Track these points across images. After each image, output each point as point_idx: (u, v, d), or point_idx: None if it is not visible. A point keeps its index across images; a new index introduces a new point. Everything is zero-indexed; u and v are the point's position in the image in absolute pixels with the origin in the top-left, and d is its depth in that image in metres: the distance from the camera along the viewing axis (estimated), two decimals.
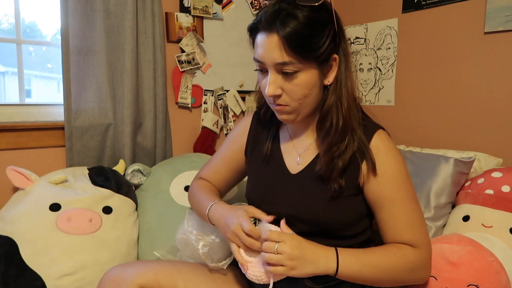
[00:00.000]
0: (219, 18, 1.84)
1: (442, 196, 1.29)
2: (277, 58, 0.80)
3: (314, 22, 0.79)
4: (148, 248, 1.32)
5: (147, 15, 1.59)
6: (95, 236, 1.23)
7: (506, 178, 1.21)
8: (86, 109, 1.51)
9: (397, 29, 1.78)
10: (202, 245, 0.99)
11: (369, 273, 0.84)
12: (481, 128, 1.51)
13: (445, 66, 1.61)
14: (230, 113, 1.91)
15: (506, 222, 1.13)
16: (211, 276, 1.00)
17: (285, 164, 0.97)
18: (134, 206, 1.40)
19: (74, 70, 1.47)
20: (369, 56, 1.91)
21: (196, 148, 1.79)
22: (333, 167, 0.86)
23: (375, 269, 0.84)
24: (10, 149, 1.43)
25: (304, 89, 0.83)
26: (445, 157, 1.32)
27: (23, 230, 1.18)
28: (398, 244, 0.88)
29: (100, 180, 1.37)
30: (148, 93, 1.62)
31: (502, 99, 1.44)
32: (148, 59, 1.61)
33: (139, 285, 0.90)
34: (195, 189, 1.09)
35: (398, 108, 1.81)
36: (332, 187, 0.87)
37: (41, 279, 1.12)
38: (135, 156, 1.62)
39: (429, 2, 1.65)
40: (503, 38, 1.42)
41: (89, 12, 1.48)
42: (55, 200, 1.25)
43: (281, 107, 0.86)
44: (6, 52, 1.56)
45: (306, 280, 0.91)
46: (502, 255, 1.05)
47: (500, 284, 0.96)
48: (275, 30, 0.79)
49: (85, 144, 1.51)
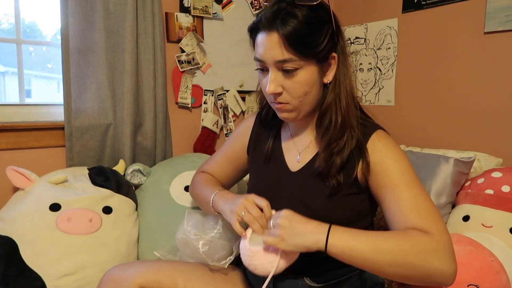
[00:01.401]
0: (219, 18, 1.84)
1: (442, 196, 1.29)
2: (277, 56, 0.82)
3: (313, 20, 0.81)
4: (148, 248, 1.32)
5: (147, 15, 1.59)
6: (95, 236, 1.23)
7: (506, 178, 1.21)
8: (86, 109, 1.51)
9: (397, 29, 1.78)
10: (202, 244, 0.99)
11: (366, 251, 0.74)
12: (481, 128, 1.51)
13: (445, 66, 1.61)
14: (230, 113, 1.91)
15: (506, 222, 1.13)
16: (211, 275, 1.00)
17: (285, 162, 0.98)
18: (134, 206, 1.40)
19: (74, 70, 1.47)
20: (369, 56, 1.91)
21: (196, 148, 1.79)
22: (331, 163, 0.87)
23: (373, 247, 0.74)
24: (10, 149, 1.43)
25: (304, 86, 0.84)
26: (445, 157, 1.33)
27: (23, 230, 1.18)
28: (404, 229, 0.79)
29: (100, 180, 1.37)
30: (148, 93, 1.62)
31: (502, 99, 1.44)
32: (148, 59, 1.61)
33: (139, 285, 0.90)
34: (199, 180, 1.11)
35: (398, 108, 1.81)
36: (331, 183, 0.88)
37: (41, 279, 1.12)
38: (135, 156, 1.62)
39: (429, 2, 1.65)
40: (503, 38, 1.42)
41: (89, 12, 1.48)
42: (55, 200, 1.25)
43: (282, 105, 0.87)
44: (6, 52, 1.56)
45: (306, 278, 0.92)
46: (502, 255, 1.05)
47: (500, 284, 0.96)
48: (275, 29, 0.81)
49: (85, 144, 1.51)
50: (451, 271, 0.73)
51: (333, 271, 0.92)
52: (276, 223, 0.81)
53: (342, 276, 0.93)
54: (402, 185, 0.82)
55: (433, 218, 0.78)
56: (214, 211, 0.99)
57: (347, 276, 0.93)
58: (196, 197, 1.12)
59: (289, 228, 0.79)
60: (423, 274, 0.73)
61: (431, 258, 0.73)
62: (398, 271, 0.74)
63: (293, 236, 0.78)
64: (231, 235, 1.05)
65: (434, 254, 0.73)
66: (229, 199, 0.94)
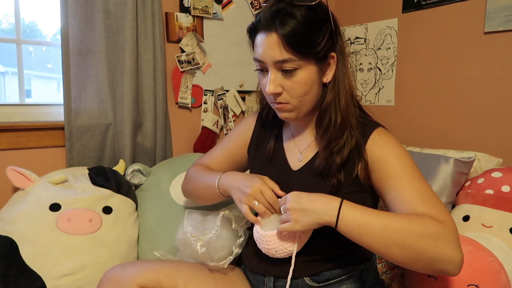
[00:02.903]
0: (219, 18, 1.84)
1: (442, 196, 1.29)
2: (276, 56, 0.82)
3: (312, 20, 0.81)
4: (148, 248, 1.33)
5: (147, 15, 1.59)
6: (95, 236, 1.23)
7: (506, 178, 1.21)
8: (86, 109, 1.51)
9: (397, 29, 1.78)
10: (200, 246, 0.99)
11: (375, 229, 0.73)
12: (481, 128, 1.51)
13: (445, 66, 1.61)
14: (230, 113, 1.91)
15: (506, 222, 1.13)
16: (211, 275, 1.00)
17: (287, 161, 0.98)
18: (134, 206, 1.40)
19: (74, 70, 1.47)
20: (369, 56, 1.91)
21: (196, 148, 1.79)
22: (331, 162, 0.88)
23: (384, 227, 0.73)
24: (10, 149, 1.43)
25: (304, 86, 0.84)
26: (445, 157, 1.33)
27: (23, 230, 1.18)
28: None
29: (100, 180, 1.37)
30: (148, 93, 1.62)
31: (502, 99, 1.44)
32: (148, 59, 1.61)
33: (139, 285, 0.90)
34: (195, 171, 1.10)
35: (398, 108, 1.81)
36: (331, 182, 0.88)
37: (41, 279, 1.12)
38: (135, 156, 1.62)
39: (429, 2, 1.65)
40: (503, 38, 1.42)
41: (89, 12, 1.48)
42: (55, 200, 1.25)
43: (282, 105, 0.87)
44: (6, 52, 1.56)
45: (306, 278, 0.92)
46: (502, 255, 1.05)
47: (500, 284, 0.96)
48: (274, 29, 0.81)
49: (85, 144, 1.51)
50: (460, 258, 0.72)
51: (333, 271, 0.93)
52: (285, 208, 0.82)
53: (342, 276, 0.93)
54: (406, 176, 0.83)
55: (440, 207, 0.78)
56: (220, 193, 0.98)
57: (347, 276, 0.93)
58: (193, 187, 1.09)
59: (299, 209, 0.80)
60: (431, 258, 0.72)
61: (441, 243, 0.72)
62: (404, 254, 0.72)
63: (304, 216, 0.79)
64: (230, 234, 1.05)
65: (444, 239, 0.72)
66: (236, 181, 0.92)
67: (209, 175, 1.03)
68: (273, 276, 0.95)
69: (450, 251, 0.72)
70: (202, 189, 1.05)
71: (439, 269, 0.73)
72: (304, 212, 0.79)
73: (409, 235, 0.72)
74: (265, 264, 0.94)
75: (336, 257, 0.92)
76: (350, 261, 0.94)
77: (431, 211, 0.76)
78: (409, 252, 0.72)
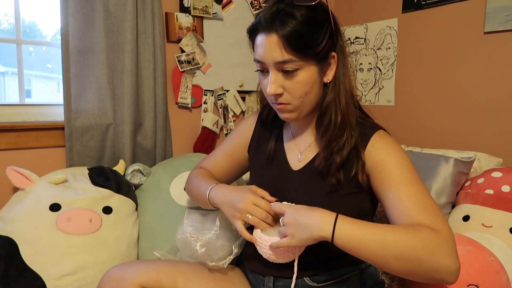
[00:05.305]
0: (219, 18, 1.84)
1: (442, 196, 1.29)
2: (277, 57, 0.82)
3: (312, 20, 0.81)
4: (148, 248, 1.33)
5: (147, 15, 1.59)
6: (95, 236, 1.23)
7: (506, 178, 1.21)
8: (86, 109, 1.51)
9: (397, 29, 1.78)
10: (199, 246, 0.99)
11: (373, 243, 0.73)
12: (481, 128, 1.51)
13: (445, 66, 1.61)
14: (230, 113, 1.91)
15: (506, 222, 1.13)
16: (212, 275, 1.00)
17: (287, 161, 0.98)
18: (134, 206, 1.40)
19: (74, 70, 1.47)
20: (369, 56, 1.91)
21: (196, 148, 1.79)
22: (331, 162, 0.88)
23: (381, 240, 0.73)
24: (10, 149, 1.43)
25: (304, 86, 0.84)
26: (445, 157, 1.33)
27: (23, 230, 1.18)
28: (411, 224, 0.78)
29: (100, 180, 1.37)
30: (148, 93, 1.62)
31: (502, 99, 1.44)
32: (148, 59, 1.61)
33: (140, 285, 0.90)
34: (194, 175, 1.10)
35: (398, 108, 1.81)
36: (331, 181, 0.88)
37: (41, 279, 1.12)
38: (135, 156, 1.62)
39: (429, 2, 1.65)
40: (503, 38, 1.42)
41: (89, 12, 1.48)
42: (55, 200, 1.25)
43: (283, 105, 0.87)
44: (6, 52, 1.56)
45: (306, 278, 0.92)
46: (502, 255, 1.05)
47: (500, 284, 0.96)
48: (274, 30, 0.81)
49: (85, 144, 1.51)
50: (456, 267, 0.73)
51: (333, 271, 0.93)
52: (284, 222, 0.82)
53: (342, 276, 0.93)
54: (406, 182, 0.82)
55: (438, 215, 0.78)
56: (212, 206, 0.98)
57: (347, 276, 0.94)
58: (191, 192, 1.10)
59: (296, 225, 0.79)
60: (428, 269, 0.72)
61: (438, 253, 0.72)
62: (403, 265, 0.73)
63: (300, 231, 0.78)
64: (230, 234, 1.05)
65: (441, 249, 0.72)
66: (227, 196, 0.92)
67: (204, 184, 1.02)
68: (273, 276, 0.95)
69: (446, 261, 0.72)
70: (197, 196, 1.05)
71: (437, 279, 0.74)
72: (299, 228, 0.78)
73: (406, 248, 0.72)
74: (265, 264, 0.94)
75: (336, 257, 0.92)
76: (350, 261, 0.94)
77: (428, 220, 0.76)
78: (407, 263, 0.72)
